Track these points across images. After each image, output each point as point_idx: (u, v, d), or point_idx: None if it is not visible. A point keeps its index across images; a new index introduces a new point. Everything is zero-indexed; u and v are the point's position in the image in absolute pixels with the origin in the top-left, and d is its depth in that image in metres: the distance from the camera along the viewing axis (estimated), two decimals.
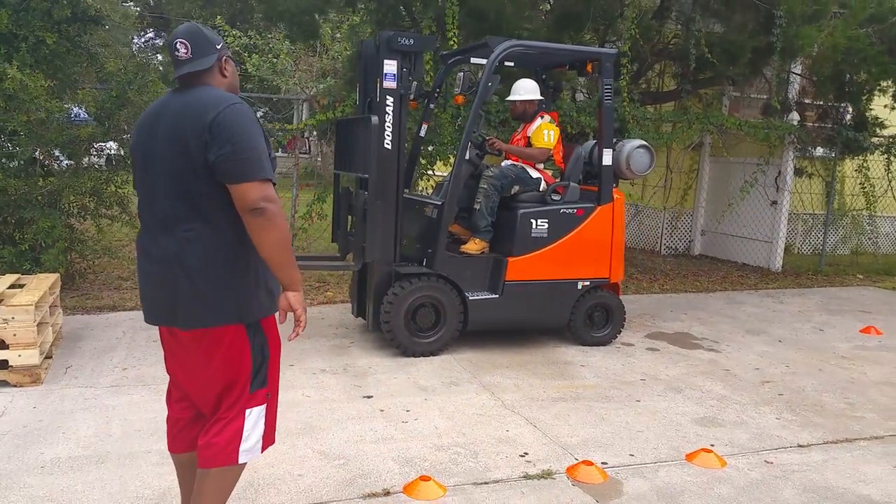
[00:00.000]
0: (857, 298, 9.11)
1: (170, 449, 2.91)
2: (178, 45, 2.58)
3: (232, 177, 2.45)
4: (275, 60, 19.89)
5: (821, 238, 11.42)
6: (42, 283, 5.38)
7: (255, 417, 2.71)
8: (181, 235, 2.53)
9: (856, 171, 10.68)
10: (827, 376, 5.82)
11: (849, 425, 4.76)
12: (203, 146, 2.45)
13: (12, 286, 5.42)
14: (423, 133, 6.75)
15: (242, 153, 2.45)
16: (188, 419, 2.85)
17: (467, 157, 6.00)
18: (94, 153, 7.71)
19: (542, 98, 6.46)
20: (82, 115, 8.05)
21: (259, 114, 21.52)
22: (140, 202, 2.69)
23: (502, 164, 6.50)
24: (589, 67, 6.21)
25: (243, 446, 2.68)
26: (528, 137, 6.33)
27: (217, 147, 2.43)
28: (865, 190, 10.53)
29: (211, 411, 2.73)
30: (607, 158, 6.18)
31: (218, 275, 2.56)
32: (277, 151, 20.60)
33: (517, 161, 6.35)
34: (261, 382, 2.72)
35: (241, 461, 2.69)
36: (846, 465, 4.14)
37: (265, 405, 2.75)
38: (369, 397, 4.88)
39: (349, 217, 6.15)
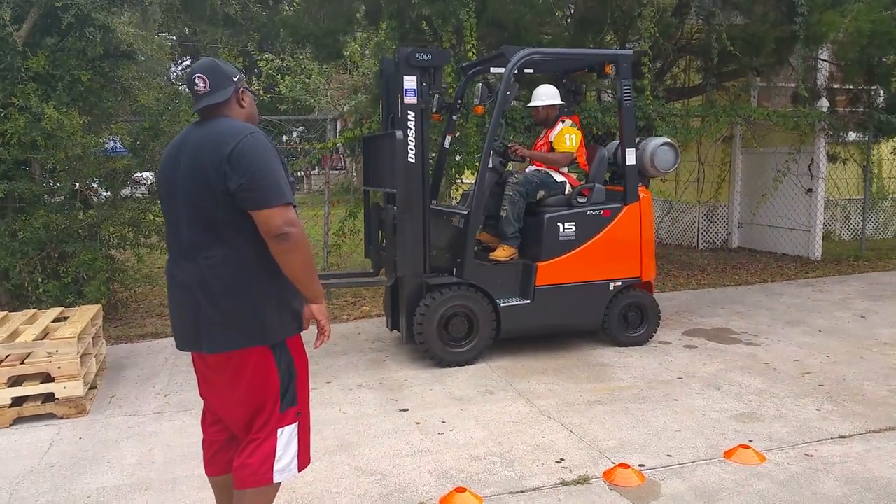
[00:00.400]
0: None
1: (206, 472, 2.99)
2: (196, 80, 2.69)
3: (254, 204, 2.54)
4: (307, 81, 20.22)
5: (860, 223, 11.22)
6: (84, 315, 5.55)
7: (287, 436, 2.76)
8: (203, 262, 2.63)
9: (891, 153, 10.47)
10: (869, 364, 5.73)
11: (892, 413, 4.68)
12: (223, 176, 2.54)
13: (56, 319, 5.60)
14: (447, 144, 6.82)
15: (262, 180, 2.53)
16: (223, 442, 2.93)
17: (490, 165, 6.05)
18: (130, 184, 7.90)
19: (562, 102, 6.49)
20: (119, 148, 8.29)
21: (294, 134, 21.88)
22: (167, 231, 2.80)
23: (527, 169, 6.53)
24: (607, 69, 6.23)
25: (277, 466, 2.73)
26: (551, 142, 6.36)
27: (237, 176, 2.52)
28: None
29: (243, 432, 2.80)
30: (631, 158, 6.19)
31: (241, 298, 2.64)
32: (314, 169, 20.90)
33: (541, 166, 6.38)
34: (290, 401, 2.78)
35: (275, 481, 2.74)
36: (889, 454, 4.08)
37: (297, 423, 2.80)
38: (405, 410, 4.94)
39: (380, 232, 6.24)
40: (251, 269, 2.65)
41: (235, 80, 2.75)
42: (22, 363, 4.86)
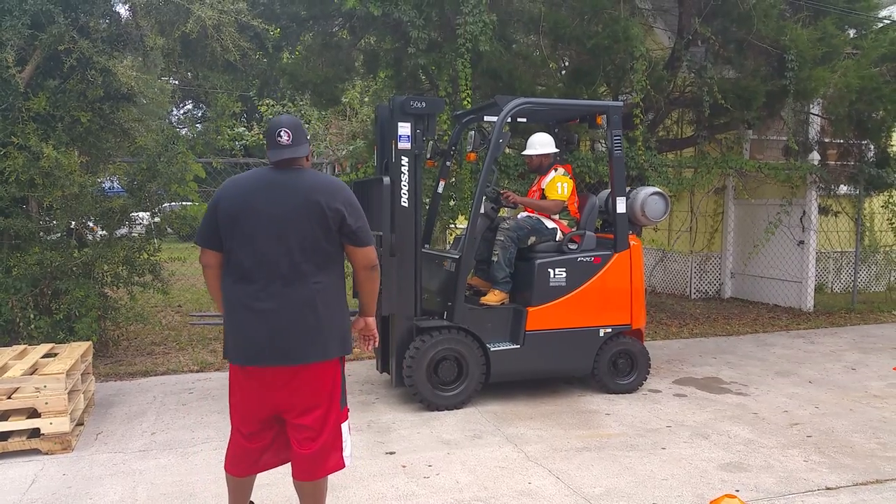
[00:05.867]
0: (891, 335, 8.95)
1: (238, 473, 3.35)
2: (282, 133, 3.18)
3: (361, 241, 3.21)
4: (306, 126, 20.48)
5: (852, 276, 11.29)
6: (74, 352, 5.55)
7: (346, 429, 3.38)
8: (314, 286, 3.13)
9: (883, 206, 10.59)
10: (858, 416, 5.73)
11: (879, 466, 4.67)
12: (340, 217, 3.13)
13: (46, 355, 5.60)
14: (440, 190, 6.91)
15: (366, 224, 3.24)
16: (265, 447, 3.33)
17: (482, 210, 6.12)
18: (127, 223, 7.92)
19: (556, 151, 6.59)
20: (116, 188, 8.34)
21: None
22: (251, 258, 3.13)
23: (518, 215, 6.60)
24: (598, 120, 6.34)
25: (345, 452, 3.36)
26: (543, 189, 6.44)
27: (353, 219, 3.16)
28: (894, 225, 10.44)
29: (312, 427, 3.22)
30: (621, 206, 6.26)
31: (339, 316, 3.23)
32: None
33: (533, 212, 6.45)
34: (344, 401, 3.38)
35: (346, 465, 3.36)
36: None
37: (348, 418, 3.44)
38: (392, 453, 4.92)
39: None
40: (341, 292, 3.26)
41: (308, 138, 3.30)
42: (9, 398, 4.84)
